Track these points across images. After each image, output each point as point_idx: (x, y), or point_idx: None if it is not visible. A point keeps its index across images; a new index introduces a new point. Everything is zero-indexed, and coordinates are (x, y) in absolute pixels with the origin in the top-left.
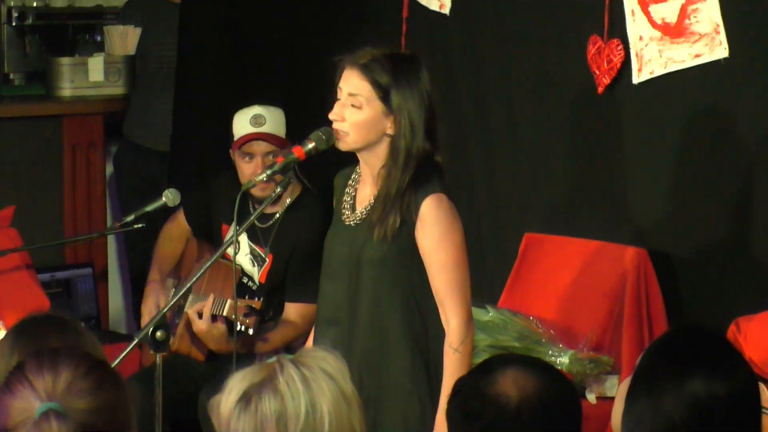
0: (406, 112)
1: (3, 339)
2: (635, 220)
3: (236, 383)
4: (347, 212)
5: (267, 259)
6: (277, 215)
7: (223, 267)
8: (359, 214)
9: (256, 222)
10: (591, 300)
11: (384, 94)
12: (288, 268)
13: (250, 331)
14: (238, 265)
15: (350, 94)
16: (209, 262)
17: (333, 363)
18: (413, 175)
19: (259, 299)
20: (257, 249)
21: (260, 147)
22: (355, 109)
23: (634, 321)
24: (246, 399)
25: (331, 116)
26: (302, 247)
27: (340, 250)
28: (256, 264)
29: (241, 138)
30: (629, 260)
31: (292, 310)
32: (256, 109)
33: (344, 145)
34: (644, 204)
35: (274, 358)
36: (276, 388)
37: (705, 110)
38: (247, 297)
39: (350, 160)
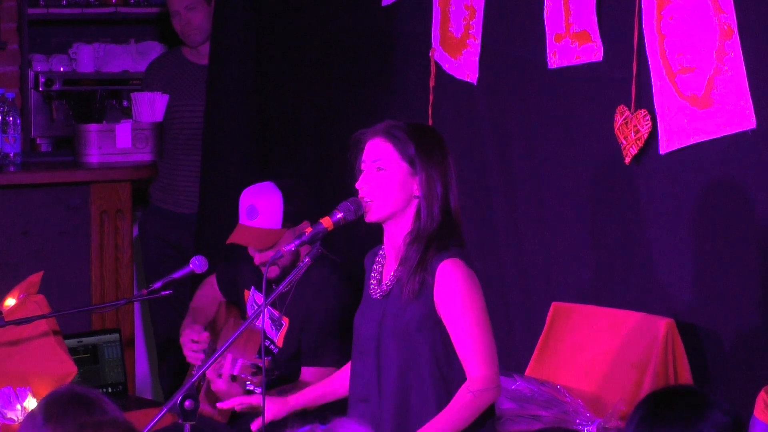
0: (432, 173)
1: (29, 416)
2: (662, 290)
3: None
4: (374, 286)
5: (283, 323)
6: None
7: (246, 329)
8: (385, 287)
9: (273, 286)
10: (619, 370)
11: (408, 156)
12: (303, 333)
13: (257, 391)
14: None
15: (374, 161)
16: (235, 334)
17: None
18: (435, 236)
19: (276, 359)
20: (275, 313)
21: (250, 244)
22: (381, 171)
23: None
24: None
25: (357, 186)
26: (318, 313)
27: (367, 325)
28: (275, 327)
29: (233, 235)
30: (657, 330)
31: (309, 374)
32: (250, 198)
33: (372, 215)
34: (671, 275)
35: (308, 427)
36: None
37: (732, 181)
38: (270, 357)
39: (378, 228)
